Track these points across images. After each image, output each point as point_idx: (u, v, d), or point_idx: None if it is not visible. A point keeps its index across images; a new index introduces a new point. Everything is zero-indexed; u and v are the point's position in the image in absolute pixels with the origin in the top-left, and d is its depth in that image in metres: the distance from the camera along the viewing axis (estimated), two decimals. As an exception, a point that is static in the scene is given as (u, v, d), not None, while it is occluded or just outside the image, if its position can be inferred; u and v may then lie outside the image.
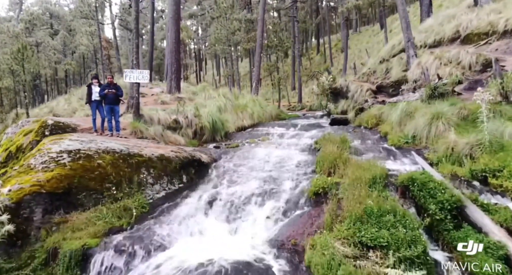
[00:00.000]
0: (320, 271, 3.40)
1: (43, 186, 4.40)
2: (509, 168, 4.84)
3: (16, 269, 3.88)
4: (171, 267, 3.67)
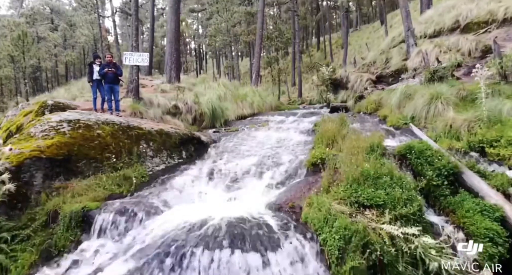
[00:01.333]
0: (317, 225, 3.43)
1: (43, 152, 4.43)
2: (506, 137, 4.85)
3: (17, 228, 3.91)
4: (173, 224, 3.70)
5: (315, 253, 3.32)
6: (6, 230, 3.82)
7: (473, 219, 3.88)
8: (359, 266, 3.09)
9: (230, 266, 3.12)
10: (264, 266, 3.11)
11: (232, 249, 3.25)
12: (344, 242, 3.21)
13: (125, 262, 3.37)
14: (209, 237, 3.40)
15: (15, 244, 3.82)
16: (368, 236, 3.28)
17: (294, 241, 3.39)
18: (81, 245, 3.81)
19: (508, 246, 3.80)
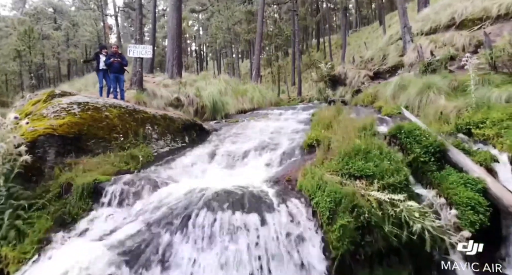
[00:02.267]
0: (310, 190, 3.74)
1: (56, 130, 4.74)
2: (491, 119, 5.16)
3: (32, 198, 4.21)
4: (179, 193, 4.00)
5: (308, 215, 3.62)
6: (23, 199, 4.11)
7: (456, 190, 4.18)
8: (348, 224, 3.39)
9: (231, 225, 3.42)
10: (262, 224, 3.42)
11: (233, 210, 3.55)
12: (334, 204, 3.52)
13: (135, 224, 3.67)
14: (212, 201, 3.71)
15: (31, 212, 4.12)
16: (357, 199, 3.58)
17: (289, 204, 3.70)
18: (93, 212, 4.12)
19: (489, 214, 4.10)
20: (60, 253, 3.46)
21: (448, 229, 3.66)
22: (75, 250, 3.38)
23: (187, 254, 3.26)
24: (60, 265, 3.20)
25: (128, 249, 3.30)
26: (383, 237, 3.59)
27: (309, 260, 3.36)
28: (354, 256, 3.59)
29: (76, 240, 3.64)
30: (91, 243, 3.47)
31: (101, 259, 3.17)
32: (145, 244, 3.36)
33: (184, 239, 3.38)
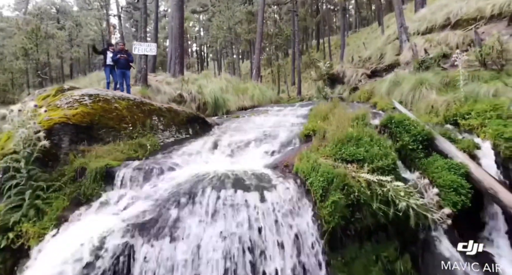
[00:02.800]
0: (305, 172, 4.09)
1: (70, 119, 5.09)
2: (476, 110, 5.52)
3: (50, 180, 4.57)
4: (185, 176, 4.36)
5: (303, 193, 3.98)
6: (42, 180, 4.47)
7: (441, 174, 4.55)
8: (339, 200, 3.74)
9: (234, 201, 3.77)
10: (261, 201, 3.77)
11: (235, 189, 3.90)
12: (327, 183, 3.87)
13: (145, 202, 4.02)
14: (216, 181, 4.07)
15: (49, 193, 4.47)
16: (347, 179, 3.93)
17: (286, 184, 4.06)
18: (106, 193, 4.46)
19: (471, 196, 4.45)
20: (77, 227, 3.82)
21: (430, 207, 4.01)
22: (91, 224, 3.73)
23: (193, 227, 3.61)
24: (79, 237, 3.55)
25: (140, 222, 3.65)
26: (372, 214, 3.95)
27: (304, 233, 3.72)
28: (345, 231, 3.95)
29: (91, 216, 3.99)
30: (106, 217, 3.83)
31: (116, 230, 3.53)
32: (155, 218, 3.72)
33: (191, 214, 3.73)
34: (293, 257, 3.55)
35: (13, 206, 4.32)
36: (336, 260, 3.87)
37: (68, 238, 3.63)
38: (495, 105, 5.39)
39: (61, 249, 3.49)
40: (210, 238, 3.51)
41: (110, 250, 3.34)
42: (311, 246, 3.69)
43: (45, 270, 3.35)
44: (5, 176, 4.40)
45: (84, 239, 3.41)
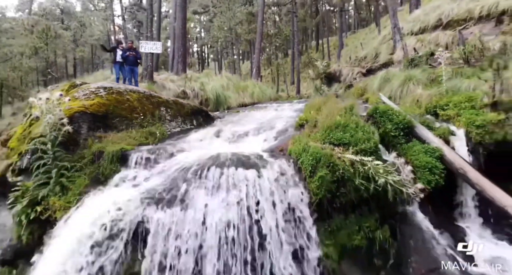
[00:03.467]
0: (297, 153, 4.68)
1: (87, 108, 5.69)
2: (453, 102, 6.12)
3: (72, 161, 5.17)
4: (191, 158, 4.95)
5: (295, 170, 4.57)
6: (66, 161, 5.07)
7: (418, 156, 5.14)
8: (325, 176, 4.33)
9: (234, 178, 4.36)
10: (258, 177, 4.36)
11: (236, 167, 4.49)
12: (315, 161, 4.46)
13: (158, 178, 4.63)
14: (219, 161, 4.66)
15: (72, 173, 5.06)
16: (333, 159, 4.52)
17: (280, 163, 4.65)
18: (122, 172, 5.06)
19: (444, 176, 5.05)
20: (100, 198, 4.41)
21: (406, 183, 4.61)
22: (112, 196, 4.33)
23: (200, 198, 4.20)
24: (100, 207, 4.15)
25: (155, 194, 4.25)
26: (355, 189, 4.53)
27: (295, 203, 4.31)
28: (332, 204, 4.54)
29: (111, 190, 4.59)
30: (124, 190, 4.43)
31: (134, 200, 4.13)
32: (167, 191, 4.32)
33: (198, 187, 4.33)
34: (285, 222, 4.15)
35: (40, 183, 4.92)
36: (324, 229, 4.46)
37: (93, 207, 4.22)
38: (470, 97, 5.98)
39: (87, 216, 4.10)
40: (215, 206, 4.11)
41: (130, 215, 3.95)
42: (301, 215, 4.28)
43: (74, 234, 3.95)
44: (33, 157, 5.00)
45: (108, 207, 4.01)
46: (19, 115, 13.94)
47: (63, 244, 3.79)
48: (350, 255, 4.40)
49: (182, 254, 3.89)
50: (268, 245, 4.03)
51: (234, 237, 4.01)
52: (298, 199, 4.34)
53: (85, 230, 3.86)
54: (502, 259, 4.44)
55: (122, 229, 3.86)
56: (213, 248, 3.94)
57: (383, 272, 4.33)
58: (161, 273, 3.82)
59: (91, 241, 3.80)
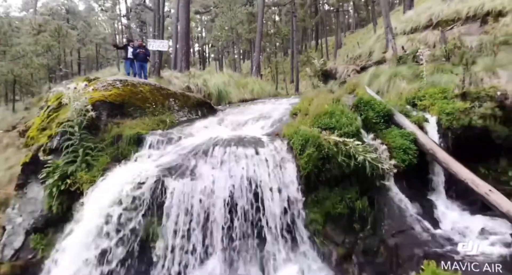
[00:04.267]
0: (289, 134, 5.48)
1: (106, 98, 6.49)
2: (429, 93, 6.91)
3: (95, 143, 5.97)
4: (198, 140, 5.74)
5: (287, 149, 5.37)
6: (91, 142, 5.87)
7: (394, 139, 5.94)
8: (312, 153, 5.12)
9: (236, 155, 5.16)
10: (256, 153, 5.16)
11: (237, 146, 5.29)
12: (304, 141, 5.26)
13: (170, 156, 5.43)
14: (222, 142, 5.46)
15: (95, 153, 5.86)
16: (320, 139, 5.31)
17: (275, 143, 5.45)
18: (138, 152, 5.86)
19: (417, 156, 5.84)
20: (122, 171, 5.21)
21: (382, 161, 5.40)
22: (133, 169, 5.14)
23: (207, 171, 5.01)
24: (124, 176, 4.96)
25: (169, 167, 5.06)
26: (338, 165, 5.30)
27: (287, 175, 5.11)
28: (318, 178, 5.34)
29: (131, 165, 5.39)
30: (143, 164, 5.24)
31: (152, 170, 4.94)
32: (179, 165, 5.12)
33: (205, 162, 5.13)
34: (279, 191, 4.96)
35: (69, 161, 5.72)
36: (311, 198, 5.27)
37: (117, 178, 5.03)
38: (444, 89, 6.78)
39: (113, 184, 4.91)
40: (219, 177, 4.91)
41: (149, 183, 4.75)
42: (292, 185, 5.09)
43: (102, 200, 4.76)
44: (62, 138, 5.81)
45: (130, 175, 4.82)
46: (31, 109, 14.75)
47: (96, 204, 4.60)
48: (333, 221, 5.20)
49: (193, 215, 4.70)
50: (263, 207, 4.83)
51: (236, 201, 4.82)
52: (289, 172, 5.14)
53: (113, 196, 4.66)
54: (462, 225, 5.25)
55: (143, 193, 4.66)
56: (219, 211, 4.75)
57: (361, 234, 5.11)
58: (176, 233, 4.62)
59: (117, 203, 4.61)
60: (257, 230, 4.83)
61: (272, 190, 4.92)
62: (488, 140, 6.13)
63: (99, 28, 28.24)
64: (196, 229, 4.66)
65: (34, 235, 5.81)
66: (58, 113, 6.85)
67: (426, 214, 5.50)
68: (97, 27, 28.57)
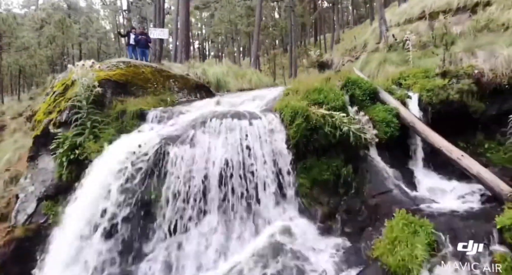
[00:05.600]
0: (280, 108, 5.96)
1: (111, 77, 6.97)
2: (412, 73, 7.37)
3: (102, 117, 6.45)
4: (197, 114, 6.23)
5: (279, 121, 5.85)
6: (98, 116, 6.36)
7: (378, 114, 6.41)
8: (301, 123, 5.60)
9: (231, 125, 5.63)
10: (250, 124, 5.64)
11: (232, 119, 5.76)
12: (294, 113, 5.73)
13: (171, 127, 5.93)
14: (219, 115, 5.93)
15: (102, 126, 6.35)
16: (308, 112, 5.79)
17: (267, 116, 5.93)
18: (141, 126, 6.35)
19: (398, 129, 6.31)
20: (127, 139, 5.69)
21: (365, 131, 5.88)
22: (137, 137, 5.62)
23: (205, 140, 5.49)
24: (130, 142, 5.44)
25: (170, 136, 5.54)
26: (325, 135, 5.78)
27: (278, 144, 5.60)
28: (307, 147, 5.82)
29: (135, 134, 5.88)
30: (146, 133, 5.73)
31: (154, 138, 5.42)
32: (179, 134, 5.60)
33: (203, 132, 5.61)
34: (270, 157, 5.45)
35: (77, 133, 6.21)
36: (300, 166, 5.75)
37: (123, 143, 5.52)
38: (426, 69, 7.25)
39: (118, 149, 5.39)
40: (216, 144, 5.40)
41: (153, 148, 5.24)
42: (282, 152, 5.57)
43: (111, 161, 5.24)
44: (71, 112, 6.30)
45: (136, 141, 5.31)
46: (36, 99, 15.24)
47: (105, 166, 5.09)
48: (320, 185, 5.69)
49: (193, 177, 5.18)
50: (256, 171, 5.32)
51: (231, 165, 5.30)
52: (280, 141, 5.64)
53: (121, 157, 5.14)
54: (437, 188, 5.74)
55: (146, 157, 5.15)
56: (215, 174, 5.23)
57: (345, 197, 5.61)
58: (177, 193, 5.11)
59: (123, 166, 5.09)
60: (250, 192, 5.31)
61: (264, 156, 5.40)
62: (466, 116, 6.61)
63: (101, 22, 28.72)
64: (194, 189, 5.14)
65: (45, 202, 6.32)
66: (64, 97, 7.33)
67: (405, 180, 5.97)
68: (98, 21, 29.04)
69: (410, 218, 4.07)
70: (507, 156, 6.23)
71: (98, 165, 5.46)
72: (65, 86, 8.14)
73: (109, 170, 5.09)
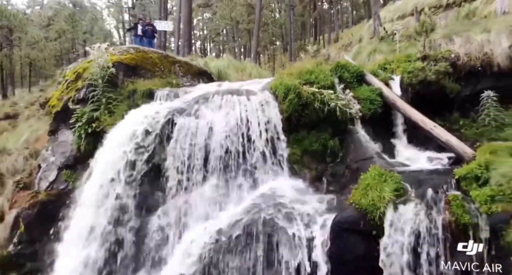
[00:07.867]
0: (275, 86, 6.69)
1: (123, 60, 7.72)
2: (397, 59, 8.11)
3: (115, 94, 7.19)
4: (201, 92, 6.97)
5: (273, 98, 6.58)
6: (112, 94, 7.10)
7: (363, 93, 7.13)
8: (293, 99, 6.31)
9: (232, 101, 6.36)
10: (248, 100, 6.37)
11: (232, 95, 6.50)
12: (287, 89, 6.45)
13: (178, 103, 6.66)
14: (221, 92, 6.68)
15: (115, 103, 7.10)
16: (300, 89, 6.52)
17: (263, 93, 6.67)
18: (151, 103, 7.09)
19: (381, 106, 7.03)
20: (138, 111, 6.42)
21: (350, 107, 6.61)
22: (146, 109, 6.36)
23: (208, 113, 6.22)
24: (142, 113, 6.18)
25: (176, 108, 6.27)
26: (314, 110, 6.49)
27: (273, 117, 6.33)
28: (299, 122, 6.54)
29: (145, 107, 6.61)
30: (156, 106, 6.47)
31: (163, 110, 6.16)
32: (185, 108, 6.34)
33: (206, 107, 6.35)
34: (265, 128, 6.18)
35: (94, 108, 6.96)
36: (292, 137, 6.48)
37: (135, 115, 6.25)
38: (409, 55, 7.99)
39: (132, 119, 6.14)
40: (218, 118, 6.13)
41: (162, 118, 5.98)
42: (277, 124, 6.31)
43: (124, 131, 5.99)
44: (88, 90, 7.04)
45: (147, 112, 6.05)
46: (46, 91, 15.99)
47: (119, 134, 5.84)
48: (309, 154, 6.41)
49: (196, 146, 5.92)
50: (253, 141, 6.06)
51: (231, 137, 6.03)
52: (274, 115, 6.36)
53: (132, 128, 5.89)
54: (413, 158, 6.47)
55: (157, 128, 5.89)
56: (216, 144, 5.96)
57: (332, 164, 6.34)
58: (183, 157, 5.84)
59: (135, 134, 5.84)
60: (247, 158, 6.03)
61: (260, 127, 6.13)
62: (443, 96, 7.32)
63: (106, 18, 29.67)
64: (198, 155, 5.87)
65: (65, 170, 7.06)
66: (77, 84, 8.05)
67: (386, 151, 6.69)
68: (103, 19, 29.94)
69: (382, 171, 4.80)
70: (478, 131, 6.93)
71: (113, 134, 6.20)
72: (77, 74, 8.82)
73: (122, 139, 5.82)
